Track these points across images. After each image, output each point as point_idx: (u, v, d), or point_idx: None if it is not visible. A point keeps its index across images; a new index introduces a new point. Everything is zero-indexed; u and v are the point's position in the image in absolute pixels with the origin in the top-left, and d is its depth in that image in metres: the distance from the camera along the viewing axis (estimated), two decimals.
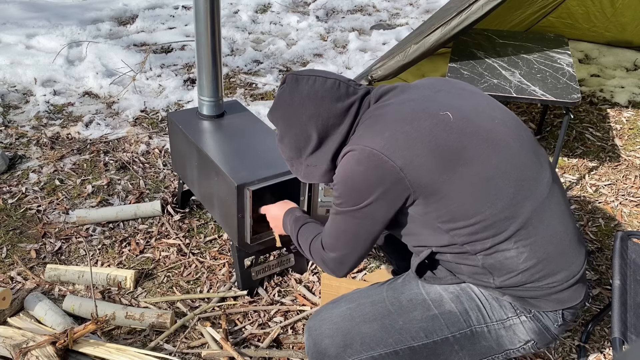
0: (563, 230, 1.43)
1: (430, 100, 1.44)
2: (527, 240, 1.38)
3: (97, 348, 1.90)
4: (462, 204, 1.35)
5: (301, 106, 1.48)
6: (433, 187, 1.34)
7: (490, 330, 1.46)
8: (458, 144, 1.35)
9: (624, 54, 4.55)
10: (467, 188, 1.34)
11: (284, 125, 1.52)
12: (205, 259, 2.48)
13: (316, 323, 1.56)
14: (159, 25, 5.11)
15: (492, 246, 1.38)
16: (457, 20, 2.68)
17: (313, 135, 1.48)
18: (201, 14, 2.20)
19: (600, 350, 2.12)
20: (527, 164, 1.42)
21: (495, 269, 1.40)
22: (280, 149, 1.59)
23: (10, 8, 5.16)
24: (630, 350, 1.38)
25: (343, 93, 1.48)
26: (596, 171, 3.22)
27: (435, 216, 1.38)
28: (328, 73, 1.53)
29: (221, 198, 2.15)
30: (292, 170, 1.62)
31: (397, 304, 1.50)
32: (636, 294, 1.77)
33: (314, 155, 1.51)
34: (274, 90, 4.00)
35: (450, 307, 1.47)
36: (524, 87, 2.68)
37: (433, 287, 1.50)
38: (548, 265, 1.40)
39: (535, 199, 1.39)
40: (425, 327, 1.47)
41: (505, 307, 1.46)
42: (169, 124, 2.51)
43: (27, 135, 3.35)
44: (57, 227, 2.64)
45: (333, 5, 5.76)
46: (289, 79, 1.53)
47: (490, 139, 1.39)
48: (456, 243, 1.40)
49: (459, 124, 1.37)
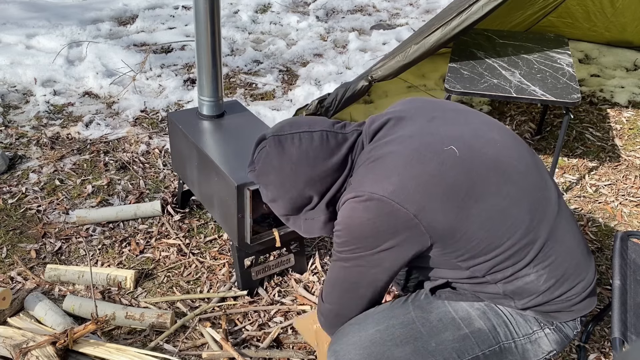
0: (575, 244, 1.42)
1: (429, 133, 1.36)
2: (545, 262, 1.36)
3: (97, 348, 1.90)
4: (481, 241, 1.31)
5: (294, 172, 1.40)
6: (450, 230, 1.29)
7: (517, 345, 1.45)
8: (468, 181, 1.29)
9: (624, 54, 4.55)
10: (484, 224, 1.30)
11: (277, 190, 1.44)
12: (205, 259, 2.48)
13: (344, 347, 1.45)
14: (159, 25, 5.11)
15: (513, 274, 1.35)
16: (458, 20, 2.68)
17: (313, 197, 1.43)
18: (201, 14, 2.20)
19: (600, 350, 2.12)
20: (535, 183, 1.39)
21: (516, 294, 1.38)
22: (272, 207, 1.51)
23: (10, 8, 5.15)
24: (630, 351, 1.39)
25: (333, 145, 1.40)
26: (596, 171, 3.22)
27: (455, 256, 1.34)
28: (310, 123, 1.43)
29: (221, 198, 2.15)
30: (289, 225, 1.54)
31: (428, 325, 1.44)
32: (636, 294, 1.77)
33: (313, 210, 1.46)
34: (274, 90, 4.01)
35: (480, 325, 1.43)
36: (524, 87, 2.68)
37: (459, 304, 1.46)
38: (566, 281, 1.39)
39: (548, 220, 1.37)
40: (458, 347, 1.42)
41: (530, 322, 1.44)
42: (169, 124, 2.51)
43: (27, 135, 3.35)
44: (57, 227, 2.64)
45: (333, 5, 5.75)
46: (270, 142, 1.42)
47: (498, 167, 1.34)
48: (476, 276, 1.37)
49: (465, 157, 1.31)
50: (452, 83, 2.70)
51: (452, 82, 2.70)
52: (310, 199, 1.43)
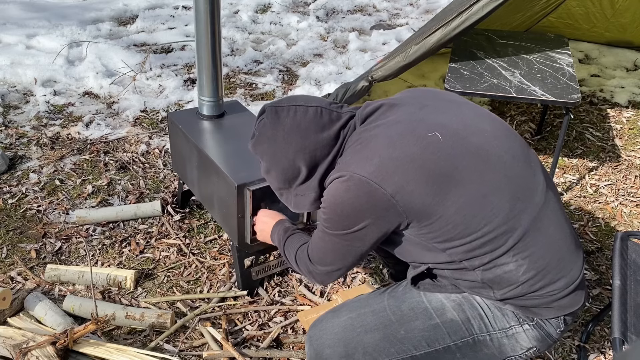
0: (560, 238, 1.42)
1: (417, 120, 1.40)
2: (525, 252, 1.36)
3: (97, 348, 1.90)
4: (457, 225, 1.34)
5: (286, 140, 1.46)
6: (426, 211, 1.33)
7: (493, 338, 1.46)
8: (449, 166, 1.33)
9: (624, 54, 4.55)
10: (461, 209, 1.33)
11: (270, 160, 1.50)
12: (206, 259, 2.48)
13: (317, 332, 1.55)
14: (159, 25, 5.11)
15: (491, 261, 1.36)
16: (458, 21, 2.69)
17: (302, 169, 1.47)
18: (201, 14, 2.20)
19: (600, 350, 2.12)
20: (521, 174, 1.40)
21: (495, 283, 1.39)
22: (268, 181, 1.58)
23: (10, 8, 5.16)
24: (630, 350, 1.39)
25: (326, 121, 1.45)
26: (596, 171, 3.22)
27: (430, 237, 1.37)
28: (307, 99, 1.49)
29: (221, 198, 2.15)
30: (282, 200, 1.60)
31: (399, 313, 1.49)
32: (636, 294, 1.77)
33: (303, 185, 1.50)
34: (274, 90, 4.01)
35: (452, 316, 1.46)
36: (524, 87, 2.68)
37: (435, 295, 1.49)
38: (547, 274, 1.39)
39: (531, 210, 1.38)
40: (428, 336, 1.46)
41: (508, 316, 1.45)
42: (169, 124, 2.51)
43: (27, 135, 3.35)
44: (57, 227, 2.64)
45: (333, 5, 5.76)
46: (268, 112, 1.50)
47: (481, 155, 1.36)
48: (454, 260, 1.39)
49: (448, 143, 1.34)
50: (452, 83, 2.70)
51: (452, 82, 2.71)
52: (299, 170, 1.48)
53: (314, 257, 1.54)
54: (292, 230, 1.74)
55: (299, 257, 1.60)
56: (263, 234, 1.90)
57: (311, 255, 1.55)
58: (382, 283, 2.37)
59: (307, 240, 1.64)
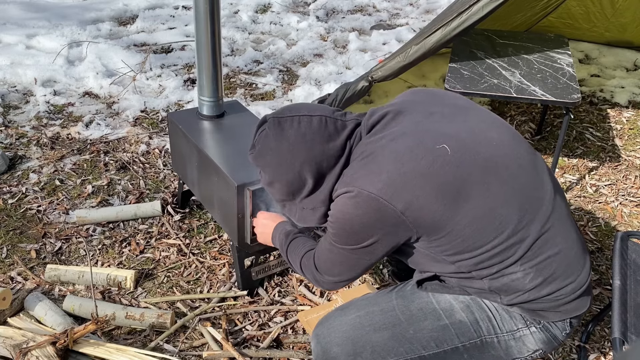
0: (568, 246, 1.42)
1: (424, 130, 1.37)
2: (533, 261, 1.36)
3: (97, 348, 1.90)
4: (466, 239, 1.33)
5: (291, 152, 1.42)
6: (436, 226, 1.32)
7: (500, 340, 1.46)
8: (458, 180, 1.31)
9: (624, 54, 4.55)
10: (470, 223, 1.32)
11: (274, 172, 1.46)
12: (206, 259, 2.48)
13: (324, 330, 1.53)
14: (159, 25, 5.11)
15: (499, 271, 1.36)
16: (458, 21, 2.68)
17: (308, 180, 1.44)
18: (201, 14, 2.20)
19: (600, 350, 2.12)
20: (529, 182, 1.39)
21: (502, 290, 1.40)
22: (270, 192, 1.54)
23: (10, 8, 5.16)
24: (630, 351, 1.39)
25: (332, 130, 1.42)
26: (596, 171, 3.22)
27: (440, 250, 1.37)
28: (310, 108, 1.45)
29: (221, 198, 2.15)
30: (284, 211, 1.57)
31: (408, 313, 1.48)
32: (636, 294, 1.77)
33: (309, 198, 1.47)
34: (274, 90, 4.01)
35: (461, 317, 1.45)
36: (524, 87, 2.68)
37: (443, 296, 1.48)
38: (555, 281, 1.39)
39: (539, 220, 1.37)
40: (436, 336, 1.45)
41: (516, 319, 1.45)
42: (169, 124, 2.51)
43: (27, 135, 3.35)
44: (57, 227, 2.64)
45: (333, 5, 5.76)
46: (270, 123, 1.45)
47: (489, 167, 1.35)
48: (462, 271, 1.39)
49: (456, 156, 1.33)
50: (452, 83, 2.70)
51: (452, 82, 2.71)
52: (305, 182, 1.45)
53: (321, 267, 1.53)
54: (294, 234, 1.72)
55: (305, 265, 1.59)
56: (263, 237, 1.89)
57: (318, 264, 1.53)
58: (382, 283, 2.37)
59: (312, 245, 1.62)
